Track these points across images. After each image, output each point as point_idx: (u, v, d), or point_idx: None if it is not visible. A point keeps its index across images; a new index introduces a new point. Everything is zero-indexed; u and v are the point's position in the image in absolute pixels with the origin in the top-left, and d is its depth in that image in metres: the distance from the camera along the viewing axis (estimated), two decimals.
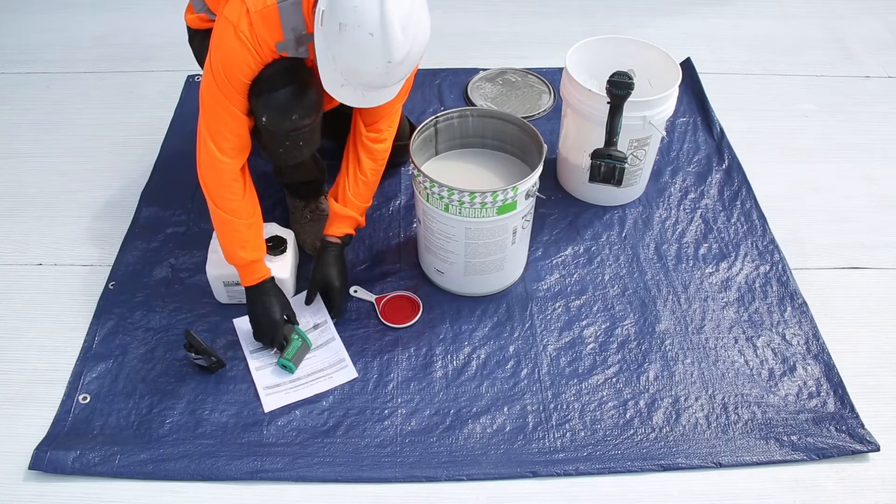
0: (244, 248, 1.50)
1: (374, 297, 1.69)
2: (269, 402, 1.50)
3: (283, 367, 1.54)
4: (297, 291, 1.70)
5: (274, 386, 1.53)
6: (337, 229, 1.63)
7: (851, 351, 1.61)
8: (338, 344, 1.60)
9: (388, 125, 1.62)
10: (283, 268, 1.63)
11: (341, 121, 1.85)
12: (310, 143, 1.52)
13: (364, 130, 1.61)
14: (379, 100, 1.40)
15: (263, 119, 1.42)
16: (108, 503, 1.37)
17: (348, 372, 1.56)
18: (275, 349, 1.57)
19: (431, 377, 1.56)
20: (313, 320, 1.64)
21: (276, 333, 1.54)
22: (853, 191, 1.99)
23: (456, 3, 2.69)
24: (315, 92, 1.44)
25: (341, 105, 1.77)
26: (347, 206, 1.62)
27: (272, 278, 1.56)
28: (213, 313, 1.67)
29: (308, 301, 1.65)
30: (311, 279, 1.64)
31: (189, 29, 1.71)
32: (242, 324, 1.62)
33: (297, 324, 1.59)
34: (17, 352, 1.61)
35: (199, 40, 1.63)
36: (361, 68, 1.27)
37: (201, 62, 1.62)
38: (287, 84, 1.40)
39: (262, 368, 1.56)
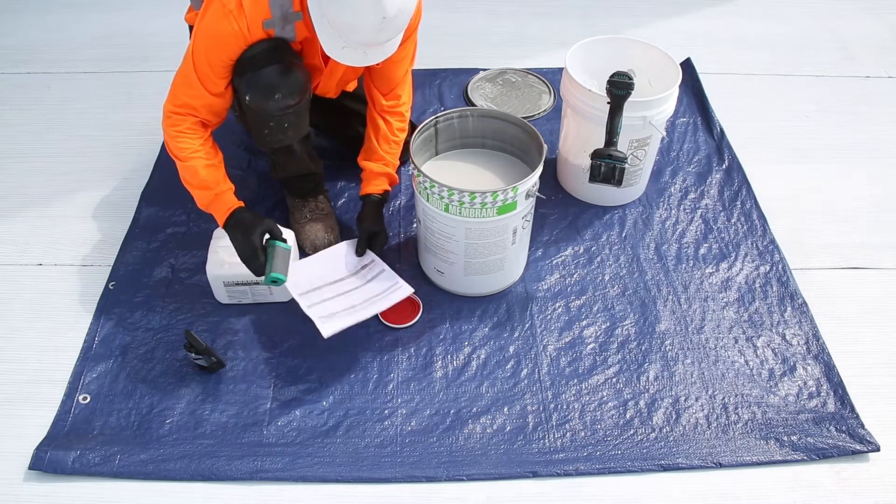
0: (206, 188, 1.50)
1: None
2: (328, 328, 1.48)
3: (273, 282, 1.49)
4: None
5: (328, 315, 1.53)
6: (375, 187, 1.69)
7: (851, 351, 1.61)
8: (388, 273, 1.64)
9: (403, 89, 1.68)
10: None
11: (339, 119, 1.86)
12: (295, 127, 1.54)
13: (383, 100, 1.66)
14: (381, 56, 1.41)
15: (247, 98, 1.43)
16: (108, 503, 1.37)
17: (404, 290, 1.58)
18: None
19: (431, 377, 1.56)
20: (360, 262, 1.68)
21: (256, 261, 1.49)
22: (853, 191, 1.99)
23: (456, 3, 2.69)
24: (300, 73, 1.45)
25: (337, 101, 1.78)
26: (381, 163, 1.69)
27: (241, 208, 1.52)
28: (213, 313, 1.67)
29: (360, 252, 1.68)
30: (358, 230, 1.70)
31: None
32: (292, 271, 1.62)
33: (283, 239, 1.53)
34: (17, 352, 1.61)
35: None
36: (357, 26, 1.30)
37: None
38: (271, 63, 1.41)
39: (313, 305, 1.56)
